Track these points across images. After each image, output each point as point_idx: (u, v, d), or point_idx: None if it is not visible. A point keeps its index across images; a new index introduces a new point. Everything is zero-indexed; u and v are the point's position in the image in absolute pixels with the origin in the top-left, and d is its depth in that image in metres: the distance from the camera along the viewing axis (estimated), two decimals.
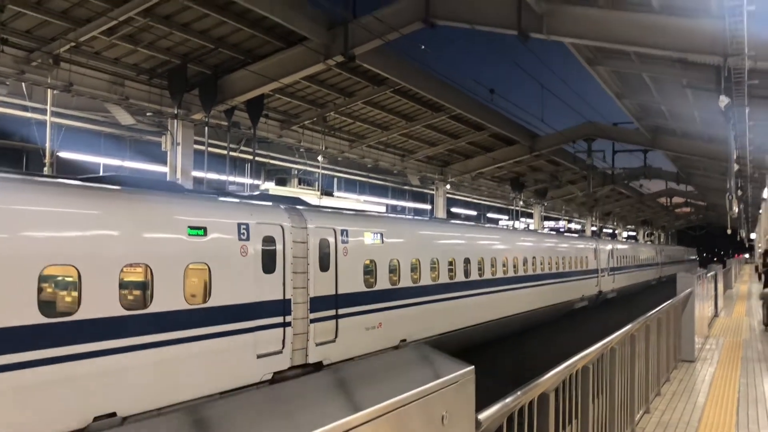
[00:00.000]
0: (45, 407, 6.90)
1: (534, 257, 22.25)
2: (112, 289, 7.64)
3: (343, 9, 14.75)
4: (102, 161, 19.91)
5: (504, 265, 19.34)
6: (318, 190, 23.09)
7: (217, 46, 15.48)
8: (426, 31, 14.79)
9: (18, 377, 6.64)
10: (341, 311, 11.54)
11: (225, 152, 18.94)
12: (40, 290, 6.89)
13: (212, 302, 8.91)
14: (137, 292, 8.10)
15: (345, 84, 19.63)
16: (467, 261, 16.83)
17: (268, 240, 10.01)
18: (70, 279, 7.27)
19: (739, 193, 23.91)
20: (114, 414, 7.55)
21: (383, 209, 28.64)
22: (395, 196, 36.96)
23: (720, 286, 18.78)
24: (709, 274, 14.85)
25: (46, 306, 6.98)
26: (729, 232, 38.50)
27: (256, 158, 20.34)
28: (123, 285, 7.82)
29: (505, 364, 16.60)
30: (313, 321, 10.77)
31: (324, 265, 11.25)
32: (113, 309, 7.64)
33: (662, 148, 29.09)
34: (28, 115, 15.61)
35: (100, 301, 7.51)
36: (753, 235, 50.48)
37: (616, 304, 32.67)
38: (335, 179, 30.14)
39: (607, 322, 17.78)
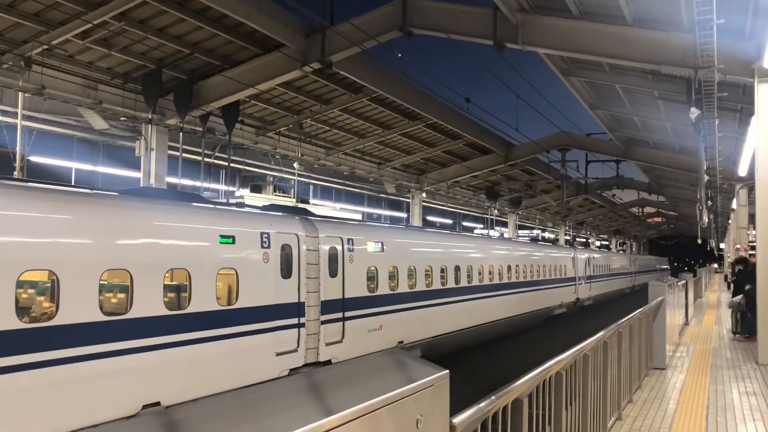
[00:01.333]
0: (105, 395, 7.69)
1: (517, 266, 23.17)
2: (157, 292, 8.43)
3: (321, 16, 14.75)
4: (74, 166, 19.64)
5: (490, 273, 20.31)
6: (294, 198, 23.01)
7: (192, 51, 15.37)
8: (403, 39, 14.87)
9: (84, 368, 7.40)
10: (347, 314, 12.48)
11: (200, 158, 18.80)
12: (100, 292, 7.75)
13: (239, 304, 9.75)
14: (179, 295, 8.90)
15: (322, 91, 19.62)
16: (457, 269, 17.73)
17: (286, 248, 10.89)
18: (124, 283, 8.10)
19: (709, 203, 24.33)
20: (158, 403, 8.28)
21: (359, 217, 28.67)
22: (371, 204, 36.99)
23: (690, 294, 19.06)
24: (679, 283, 15.07)
25: (105, 305, 7.84)
26: (699, 242, 39.10)
27: (231, 164, 20.21)
28: (166, 288, 8.59)
29: (483, 373, 16.77)
30: (323, 323, 11.70)
31: (333, 271, 12.15)
32: (158, 309, 8.42)
33: (635, 158, 29.54)
34: None
35: (148, 302, 8.30)
36: (723, 245, 51.34)
37: (592, 311, 33.19)
38: (311, 186, 30.08)
39: (583, 328, 18.19)
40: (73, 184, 16.56)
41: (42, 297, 7.29)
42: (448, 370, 2.29)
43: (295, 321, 10.88)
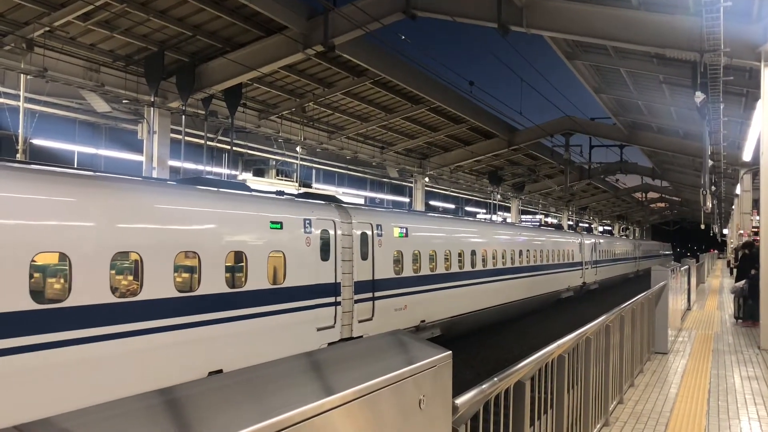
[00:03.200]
0: (180, 362, 8.65)
1: (529, 250, 24.09)
2: (220, 272, 9.37)
3: None
4: (76, 149, 19.60)
5: (504, 257, 21.31)
6: (296, 182, 22.98)
7: (195, 33, 15.29)
8: (407, 21, 14.77)
9: (166, 338, 8.39)
10: (377, 294, 13.50)
11: (202, 141, 18.76)
12: (175, 271, 8.64)
13: (287, 283, 10.76)
14: (238, 275, 9.83)
15: (324, 74, 19.52)
16: (474, 253, 18.76)
17: (324, 233, 11.91)
18: (194, 263, 9.01)
19: (713, 188, 24.29)
20: (221, 370, 8.91)
21: (362, 201, 28.68)
22: (374, 188, 36.92)
23: (693, 280, 19.06)
24: (682, 268, 15.06)
25: (179, 284, 8.76)
26: (702, 227, 39.07)
27: (234, 148, 20.16)
28: (228, 269, 9.53)
29: (484, 357, 16.89)
30: (356, 302, 12.70)
31: (364, 255, 13.15)
32: (221, 287, 9.38)
33: (638, 143, 29.43)
34: (1, 100, 15.30)
35: (213, 281, 9.25)
36: (726, 231, 51.27)
37: (592, 297, 33.43)
38: (314, 170, 30.02)
39: (584, 313, 18.36)
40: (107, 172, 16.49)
41: (130, 277, 8.22)
42: (450, 351, 2.29)
43: (332, 300, 11.93)
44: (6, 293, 6.73)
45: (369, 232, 13.37)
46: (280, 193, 12.99)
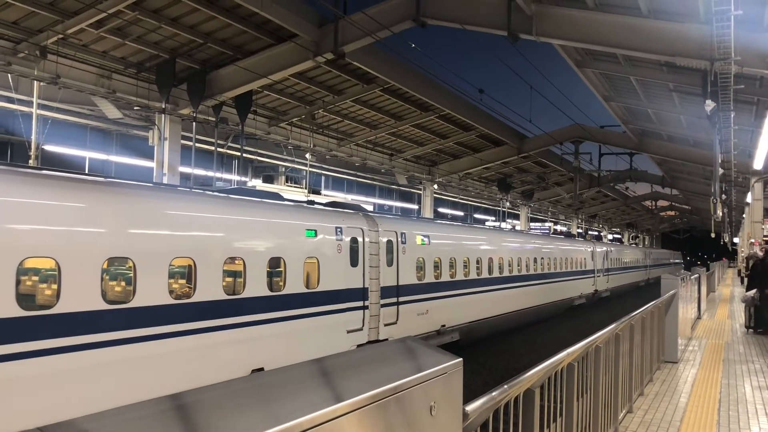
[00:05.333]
0: (226, 360, 9.24)
1: (543, 258, 24.53)
2: (262, 276, 9.98)
3: (334, 6, 14.71)
4: (88, 155, 19.75)
5: (519, 265, 21.78)
6: (306, 188, 23.04)
7: (206, 41, 15.40)
8: (417, 29, 14.81)
9: (215, 337, 9.00)
10: (401, 299, 14.02)
11: (212, 148, 18.86)
12: (223, 276, 9.26)
13: (320, 288, 11.35)
14: (278, 279, 10.43)
15: (334, 82, 19.60)
16: (491, 261, 19.27)
17: (354, 240, 12.47)
18: (239, 269, 9.60)
19: (723, 197, 24.15)
20: (263, 368, 9.56)
21: (370, 208, 28.70)
22: (382, 195, 36.95)
23: (703, 288, 18.95)
24: (692, 277, 14.97)
25: (227, 288, 9.35)
26: (713, 236, 38.81)
27: (244, 155, 20.26)
28: (269, 273, 10.12)
29: (493, 365, 16.90)
30: (382, 306, 13.25)
31: (389, 261, 13.70)
32: (263, 290, 9.98)
33: (648, 151, 29.33)
34: (14, 107, 15.45)
35: (257, 284, 9.86)
36: (736, 240, 50.92)
37: (601, 306, 33.41)
38: (323, 177, 30.09)
39: (594, 321, 18.40)
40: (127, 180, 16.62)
41: (183, 280, 8.89)
42: (461, 359, 2.30)
43: (360, 303, 12.52)
44: (87, 299, 7.44)
45: (394, 240, 13.96)
46: (311, 202, 13.57)
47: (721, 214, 21.17)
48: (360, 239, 12.64)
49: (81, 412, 1.58)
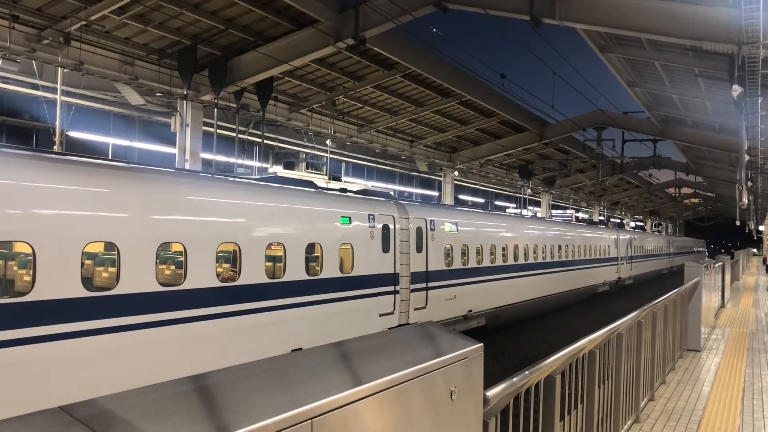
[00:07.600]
0: (269, 340, 9.71)
1: (568, 245, 24.86)
2: (300, 260, 10.44)
3: None
4: (111, 141, 19.94)
5: (544, 252, 22.12)
6: (326, 175, 23.07)
7: (227, 27, 15.41)
8: (438, 14, 14.69)
9: (259, 318, 9.53)
10: (430, 284, 14.38)
11: (234, 134, 18.92)
12: (266, 260, 9.73)
13: (354, 273, 11.82)
14: (315, 264, 10.90)
15: (355, 68, 19.53)
16: (516, 248, 19.56)
17: (385, 227, 12.86)
18: (279, 254, 10.11)
19: (749, 184, 23.75)
20: (301, 348, 9.93)
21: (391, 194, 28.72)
22: (403, 181, 36.90)
23: (727, 277, 18.71)
24: (716, 265, 14.79)
25: (268, 271, 9.83)
26: (737, 224, 38.24)
27: (265, 141, 20.30)
28: (307, 258, 10.59)
29: (513, 352, 16.84)
30: (412, 291, 13.63)
31: (419, 248, 14.03)
32: (302, 274, 10.46)
33: (672, 138, 28.90)
34: (39, 93, 15.61)
35: (296, 269, 10.34)
36: (762, 228, 50.16)
37: (631, 290, 33.58)
38: (343, 164, 30.10)
39: (616, 308, 18.36)
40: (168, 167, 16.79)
41: (228, 265, 9.35)
42: (481, 344, 2.29)
43: (391, 288, 12.94)
44: (139, 282, 7.92)
45: (423, 227, 14.29)
46: (343, 190, 13.85)
47: (746, 201, 20.85)
48: (391, 226, 13.01)
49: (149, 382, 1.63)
